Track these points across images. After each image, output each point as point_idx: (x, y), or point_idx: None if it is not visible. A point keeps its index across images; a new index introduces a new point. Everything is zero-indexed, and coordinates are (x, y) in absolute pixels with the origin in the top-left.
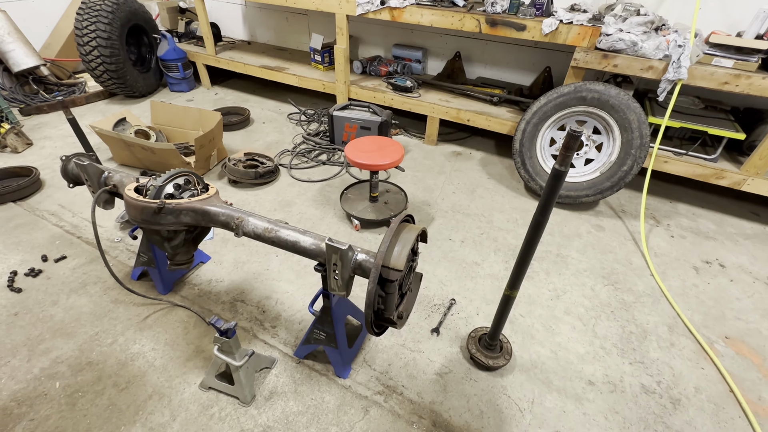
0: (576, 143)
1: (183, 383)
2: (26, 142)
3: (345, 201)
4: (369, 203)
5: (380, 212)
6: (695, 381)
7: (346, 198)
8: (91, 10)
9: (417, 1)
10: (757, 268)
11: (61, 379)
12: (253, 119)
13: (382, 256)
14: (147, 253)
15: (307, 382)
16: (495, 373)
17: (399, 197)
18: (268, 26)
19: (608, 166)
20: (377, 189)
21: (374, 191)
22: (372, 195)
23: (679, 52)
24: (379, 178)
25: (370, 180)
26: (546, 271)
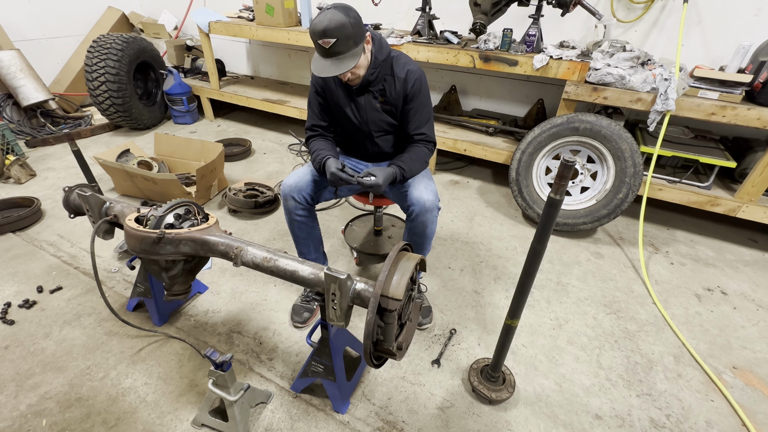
0: (570, 172)
1: (175, 420)
2: (30, 173)
3: (349, 233)
4: (373, 237)
5: (383, 246)
6: (705, 414)
7: (351, 229)
8: (102, 48)
9: (413, 38)
10: (759, 296)
11: (48, 416)
12: (254, 150)
13: (381, 285)
14: (144, 283)
15: (304, 418)
16: (498, 407)
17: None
18: (270, 62)
19: (604, 193)
20: (382, 223)
21: (378, 225)
22: (376, 229)
23: (665, 85)
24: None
25: (374, 213)
26: (547, 299)
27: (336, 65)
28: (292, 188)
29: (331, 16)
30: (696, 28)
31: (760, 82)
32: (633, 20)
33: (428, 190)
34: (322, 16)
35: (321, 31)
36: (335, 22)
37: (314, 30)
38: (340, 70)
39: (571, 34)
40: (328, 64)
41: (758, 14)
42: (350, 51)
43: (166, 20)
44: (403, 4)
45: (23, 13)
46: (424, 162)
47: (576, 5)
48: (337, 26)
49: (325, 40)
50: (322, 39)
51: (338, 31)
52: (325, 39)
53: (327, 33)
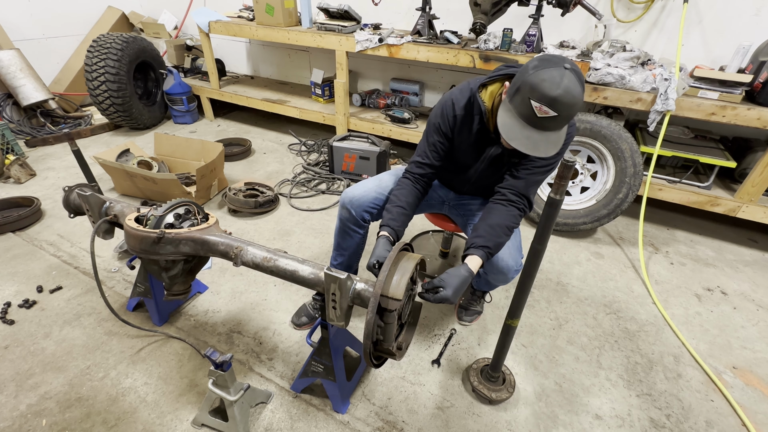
0: (569, 172)
1: (175, 420)
2: (30, 173)
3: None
4: (439, 259)
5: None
6: (705, 414)
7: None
8: (102, 47)
9: (414, 38)
10: (759, 296)
11: (48, 416)
12: (254, 150)
13: (381, 285)
14: (144, 283)
15: (304, 418)
16: (498, 407)
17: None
18: (270, 62)
19: (604, 193)
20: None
21: (446, 247)
22: (443, 250)
23: (665, 85)
24: None
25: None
26: (547, 299)
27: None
28: (351, 201)
29: (568, 83)
30: (696, 28)
31: (760, 82)
32: (633, 20)
33: (509, 248)
34: (556, 75)
35: (551, 98)
36: (571, 96)
37: (538, 88)
38: (538, 152)
39: (571, 34)
40: (527, 134)
41: (758, 14)
42: (561, 130)
43: (166, 20)
44: (403, 4)
45: (23, 12)
46: (508, 232)
47: (576, 5)
48: (570, 103)
49: (544, 109)
50: (541, 105)
51: (567, 108)
52: (545, 108)
53: (555, 104)
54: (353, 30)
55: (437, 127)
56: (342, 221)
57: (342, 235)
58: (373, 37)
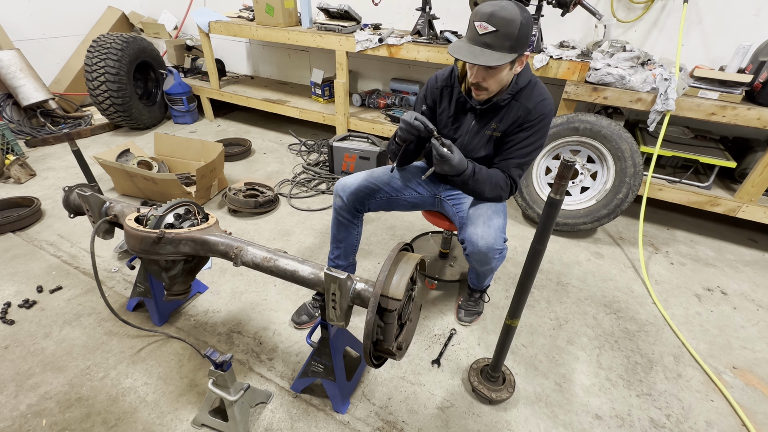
0: (570, 172)
1: (175, 420)
2: (30, 173)
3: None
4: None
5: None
6: (705, 414)
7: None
8: (102, 47)
9: (414, 38)
10: (759, 296)
11: (48, 416)
12: (254, 150)
13: (381, 285)
14: (144, 283)
15: (304, 418)
16: (498, 407)
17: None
18: (270, 62)
19: (604, 194)
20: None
21: (446, 247)
22: (442, 251)
23: (665, 85)
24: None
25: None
26: (547, 299)
27: (477, 54)
28: (343, 188)
29: (505, 4)
30: (696, 28)
31: (760, 82)
32: (633, 20)
33: (488, 227)
34: (496, 0)
35: (486, 13)
36: (506, 12)
37: (478, 10)
38: (477, 60)
39: (571, 34)
40: (469, 49)
41: (758, 14)
42: (501, 52)
43: (166, 20)
44: (403, 4)
45: (23, 12)
46: (498, 188)
47: (576, 5)
48: (506, 17)
49: (483, 24)
50: (480, 21)
51: (503, 23)
52: (484, 23)
53: (491, 18)
54: (353, 30)
55: (423, 98)
56: (336, 210)
57: (337, 225)
58: (373, 37)
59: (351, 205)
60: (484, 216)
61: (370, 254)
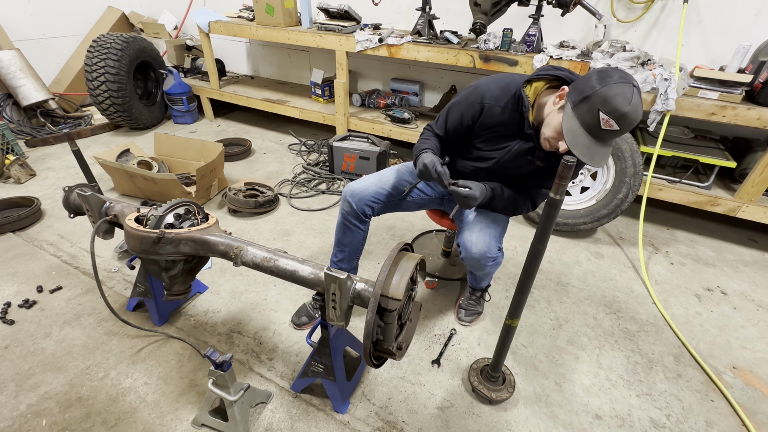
0: (569, 172)
1: (175, 420)
2: (30, 173)
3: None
4: (442, 258)
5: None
6: (705, 414)
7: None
8: (102, 47)
9: (414, 38)
10: (759, 296)
11: (48, 416)
12: (254, 150)
13: (381, 285)
14: (144, 283)
15: (303, 418)
16: (498, 407)
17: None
18: (270, 62)
19: (604, 194)
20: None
21: (449, 246)
22: (446, 250)
23: (665, 85)
24: None
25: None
26: (547, 299)
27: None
28: (352, 194)
29: (637, 102)
30: (696, 28)
31: (760, 82)
32: (633, 20)
33: (484, 234)
34: (627, 91)
35: (621, 113)
36: (637, 115)
37: (610, 101)
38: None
39: (571, 34)
40: (587, 143)
41: (758, 14)
42: (611, 144)
43: (166, 20)
44: (403, 4)
45: (23, 12)
46: (509, 209)
47: (576, 5)
48: (634, 121)
49: (610, 122)
50: (609, 118)
51: (629, 126)
52: (613, 122)
53: (623, 119)
54: (353, 30)
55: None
56: (343, 215)
57: (343, 230)
58: (373, 37)
59: (360, 211)
60: (482, 223)
61: (370, 254)
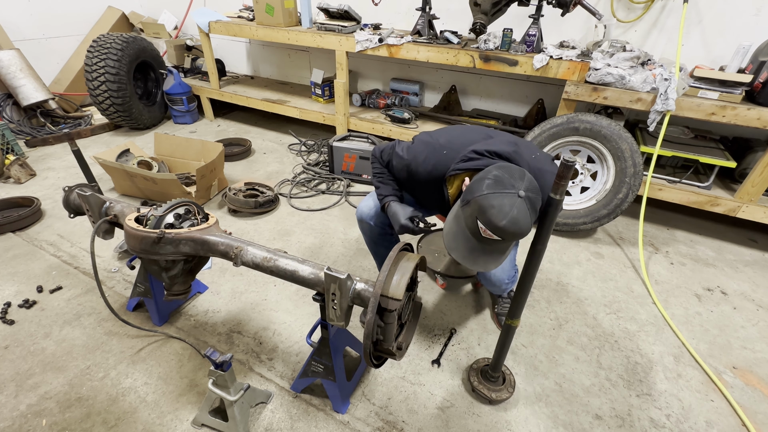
0: (569, 172)
1: (175, 420)
2: (30, 173)
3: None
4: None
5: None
6: (705, 414)
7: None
8: (102, 47)
9: (414, 38)
10: (759, 296)
11: (48, 416)
12: (254, 150)
13: (381, 285)
14: (144, 283)
15: (304, 418)
16: (498, 407)
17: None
18: (270, 62)
19: (604, 194)
20: None
21: None
22: None
23: (665, 85)
24: None
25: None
26: (547, 299)
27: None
28: (368, 215)
29: (518, 216)
30: (696, 28)
31: (760, 82)
32: (633, 20)
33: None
34: (506, 205)
35: (496, 227)
36: (517, 228)
37: (490, 218)
38: (479, 266)
39: (571, 34)
40: (470, 247)
41: (758, 14)
42: (508, 249)
43: (166, 20)
44: (403, 4)
45: (23, 12)
46: None
47: (576, 5)
48: (516, 232)
49: (489, 233)
50: (487, 228)
51: (512, 237)
52: (491, 233)
53: (500, 232)
54: (353, 30)
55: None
56: (368, 236)
57: (375, 245)
58: (373, 37)
59: (381, 225)
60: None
61: (371, 254)
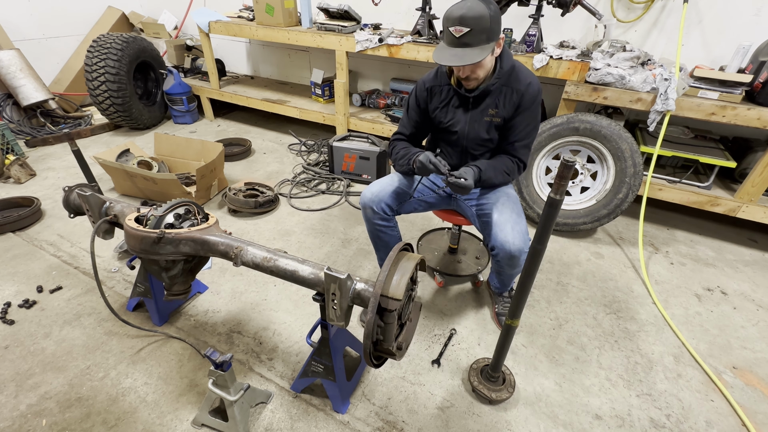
0: (570, 172)
1: (175, 420)
2: (30, 173)
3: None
4: (447, 255)
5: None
6: (705, 414)
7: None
8: (102, 47)
9: (414, 38)
10: (759, 296)
11: (48, 416)
12: (254, 150)
13: (381, 285)
14: (144, 283)
15: (304, 418)
16: (498, 407)
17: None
18: (270, 62)
19: (604, 194)
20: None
21: (454, 243)
22: (452, 246)
23: (665, 85)
24: None
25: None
26: (547, 299)
27: (461, 56)
28: (371, 199)
29: (471, 4)
30: (696, 28)
31: (760, 82)
32: (633, 20)
33: (516, 231)
34: (461, 2)
35: (457, 17)
36: (474, 11)
37: (449, 15)
38: (463, 61)
39: (571, 34)
40: (452, 53)
41: (758, 14)
42: (480, 45)
43: (166, 20)
44: (403, 4)
45: (23, 12)
46: (506, 174)
47: (576, 5)
48: (476, 16)
49: (457, 28)
50: (454, 26)
51: (475, 22)
52: (458, 27)
53: (463, 20)
54: (353, 30)
55: (414, 101)
56: (369, 222)
57: (375, 237)
58: (373, 37)
59: (380, 210)
60: (511, 221)
61: (371, 254)
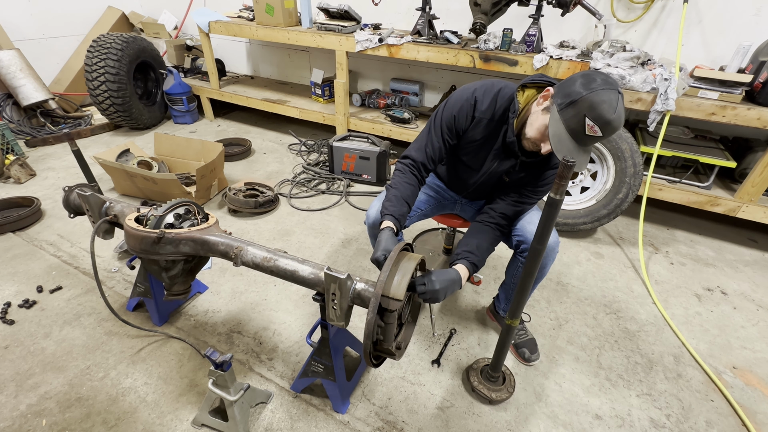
0: (569, 172)
1: (175, 420)
2: (30, 173)
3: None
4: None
5: None
6: (705, 414)
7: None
8: (102, 47)
9: (414, 38)
10: (759, 296)
11: (48, 416)
12: (254, 150)
13: (382, 285)
14: (144, 283)
15: (304, 418)
16: (498, 407)
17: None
18: (270, 62)
19: (604, 193)
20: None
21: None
22: (446, 247)
23: (665, 85)
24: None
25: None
26: (547, 299)
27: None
28: (377, 218)
29: (620, 107)
30: (696, 28)
31: (760, 82)
32: (633, 20)
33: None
34: (611, 97)
35: (607, 120)
36: (620, 123)
37: (601, 113)
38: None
39: (571, 34)
40: (570, 146)
41: (758, 14)
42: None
43: (166, 20)
44: (403, 4)
45: (23, 12)
46: (491, 251)
47: (576, 5)
48: (617, 128)
49: (595, 129)
50: (595, 125)
51: (611, 133)
52: (597, 129)
53: (607, 127)
54: (353, 30)
55: (444, 124)
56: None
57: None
58: (373, 37)
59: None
60: (537, 217)
61: (370, 254)
